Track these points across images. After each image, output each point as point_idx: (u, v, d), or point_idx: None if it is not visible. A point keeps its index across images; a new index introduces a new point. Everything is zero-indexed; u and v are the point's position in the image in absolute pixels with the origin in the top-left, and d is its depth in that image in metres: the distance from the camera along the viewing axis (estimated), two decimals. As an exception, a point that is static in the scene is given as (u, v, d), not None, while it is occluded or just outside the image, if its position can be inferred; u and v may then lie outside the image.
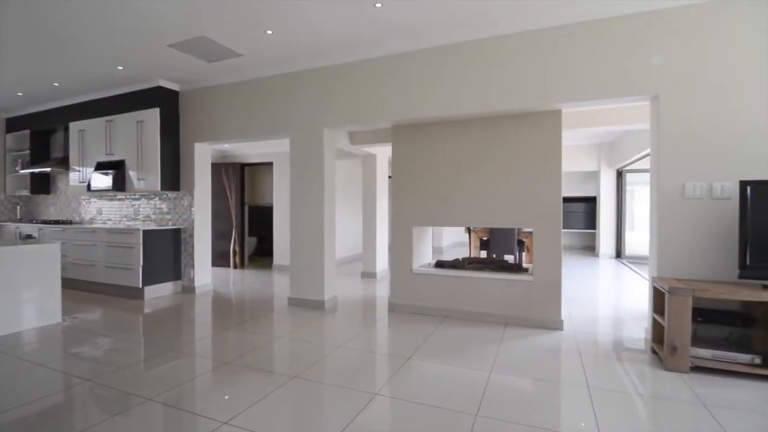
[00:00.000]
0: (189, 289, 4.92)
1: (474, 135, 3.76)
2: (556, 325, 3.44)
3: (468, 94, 3.50)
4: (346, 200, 7.55)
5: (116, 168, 4.94)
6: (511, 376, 2.52)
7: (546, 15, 3.15)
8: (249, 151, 6.92)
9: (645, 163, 6.37)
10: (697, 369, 2.54)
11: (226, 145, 6.61)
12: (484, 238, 6.12)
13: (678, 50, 2.91)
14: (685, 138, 2.91)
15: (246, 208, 7.32)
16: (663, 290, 2.66)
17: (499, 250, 5.75)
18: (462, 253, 7.81)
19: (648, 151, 3.23)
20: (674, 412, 2.09)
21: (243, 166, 7.16)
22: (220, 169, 6.87)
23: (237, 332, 3.42)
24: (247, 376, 2.52)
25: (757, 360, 2.44)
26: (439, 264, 4.20)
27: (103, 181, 5.01)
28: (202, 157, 4.98)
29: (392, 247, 4.13)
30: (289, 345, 3.14)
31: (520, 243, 5.87)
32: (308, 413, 2.15)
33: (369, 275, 5.99)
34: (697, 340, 2.64)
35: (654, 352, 2.86)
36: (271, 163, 6.94)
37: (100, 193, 5.33)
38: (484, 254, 6.19)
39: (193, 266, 4.90)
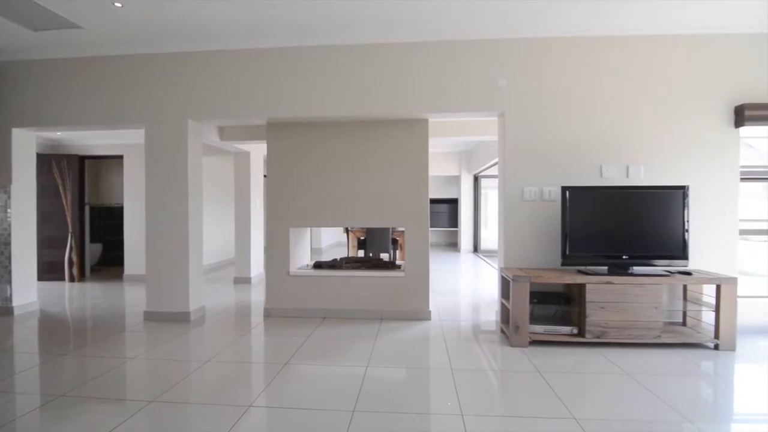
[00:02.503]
0: (4, 311, 3.92)
1: (351, 136, 3.84)
2: (426, 315, 3.75)
3: (346, 96, 3.57)
4: (215, 200, 6.97)
5: None
6: (386, 368, 2.65)
7: (416, 31, 3.39)
8: (91, 141, 5.87)
9: (495, 170, 7.38)
10: (534, 342, 3.04)
11: (59, 133, 5.48)
12: (362, 238, 6.32)
13: (518, 75, 3.45)
14: (523, 149, 3.46)
15: (87, 209, 6.17)
16: (508, 278, 3.12)
17: (375, 248, 6.00)
18: (341, 253, 7.92)
19: (497, 159, 3.78)
20: (517, 380, 2.46)
21: (83, 159, 6.01)
22: (50, 161, 5.63)
23: (75, 358, 2.86)
24: (88, 408, 2.13)
25: (575, 330, 3.04)
26: (318, 265, 4.19)
27: None
28: (22, 146, 4.01)
29: (268, 250, 3.96)
30: (144, 366, 2.75)
31: (394, 242, 6.22)
32: (170, 439, 1.91)
33: (243, 281, 5.63)
34: (534, 319, 3.16)
35: (502, 331, 3.33)
36: (120, 157, 5.98)
37: None
38: (361, 253, 6.38)
39: (9, 282, 3.93)
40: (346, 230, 6.69)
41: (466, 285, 5.75)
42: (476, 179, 9.63)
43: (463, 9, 3.00)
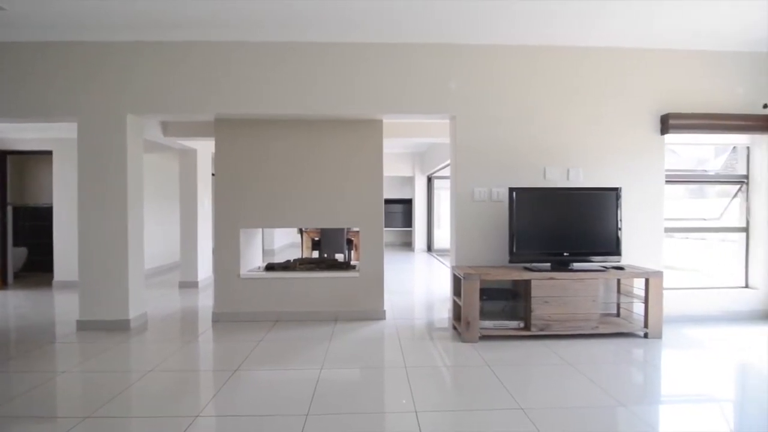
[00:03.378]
0: None
1: (305, 136, 3.78)
2: (380, 315, 3.77)
3: (298, 95, 3.50)
4: (158, 200, 6.58)
5: None
6: (340, 369, 2.64)
7: (371, 32, 3.36)
8: (16, 134, 5.32)
9: (447, 171, 7.57)
10: (484, 337, 3.16)
11: (-27, 126, 4.92)
12: (316, 239, 6.24)
13: (469, 80, 3.56)
14: (473, 152, 3.58)
15: (9, 209, 5.59)
16: (459, 277, 3.22)
17: (330, 249, 5.95)
18: (295, 255, 7.76)
19: (449, 161, 3.89)
20: (469, 375, 2.54)
21: (4, 155, 5.44)
22: (-37, 157, 5.05)
23: (-7, 374, 2.58)
24: (15, 428, 1.93)
25: (521, 324, 3.19)
26: (270, 267, 4.08)
27: None
28: (-73, 139, 3.56)
29: (217, 252, 3.79)
30: (78, 380, 2.53)
31: (349, 242, 6.20)
32: (107, 457, 1.78)
33: (189, 285, 5.36)
34: (484, 315, 3.28)
35: (455, 328, 3.42)
36: (49, 152, 5.48)
37: None
38: (316, 254, 6.30)
39: None
40: (300, 231, 6.57)
41: (420, 284, 5.85)
42: (429, 180, 9.83)
43: (417, 12, 3.04)
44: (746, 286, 3.93)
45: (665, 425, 1.98)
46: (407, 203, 10.96)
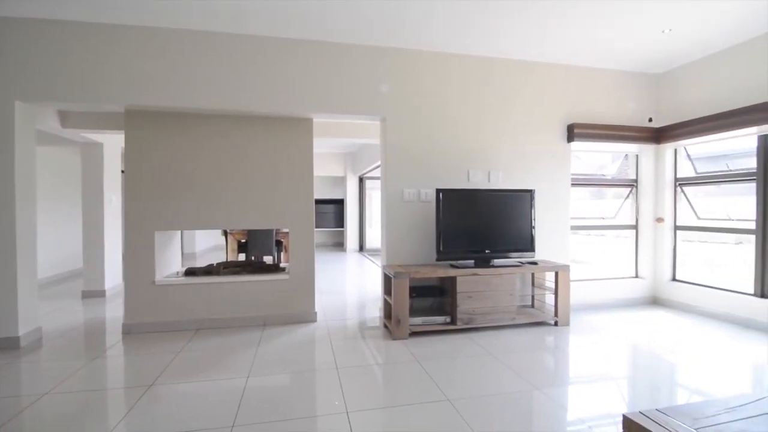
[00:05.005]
0: None
1: (231, 132, 3.58)
2: (311, 317, 3.70)
3: (225, 88, 3.32)
4: (57, 200, 5.82)
5: None
6: (269, 376, 2.55)
7: (303, 29, 3.27)
8: None
9: (378, 172, 7.68)
10: (414, 334, 3.25)
11: None
12: (243, 241, 5.95)
13: (400, 83, 3.65)
14: (403, 153, 3.67)
15: None
16: (390, 275, 3.28)
17: (258, 251, 5.71)
18: (219, 258, 7.33)
19: (380, 162, 3.95)
20: (399, 371, 2.60)
21: None
22: None
23: None
24: None
25: (448, 319, 3.34)
26: (191, 272, 3.81)
27: None
28: None
29: (127, 257, 3.45)
30: (-52, 410, 2.15)
31: (279, 243, 6.01)
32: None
33: (94, 294, 4.80)
34: (413, 312, 3.37)
35: (385, 326, 3.48)
36: None
37: None
38: (243, 257, 6.01)
39: None
40: (225, 233, 6.22)
41: (352, 284, 5.86)
42: (361, 180, 9.89)
43: (351, 11, 3.04)
44: (636, 276, 4.51)
45: (573, 404, 2.20)
46: (339, 203, 10.91)
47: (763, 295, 3.47)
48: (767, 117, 3.25)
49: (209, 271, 3.83)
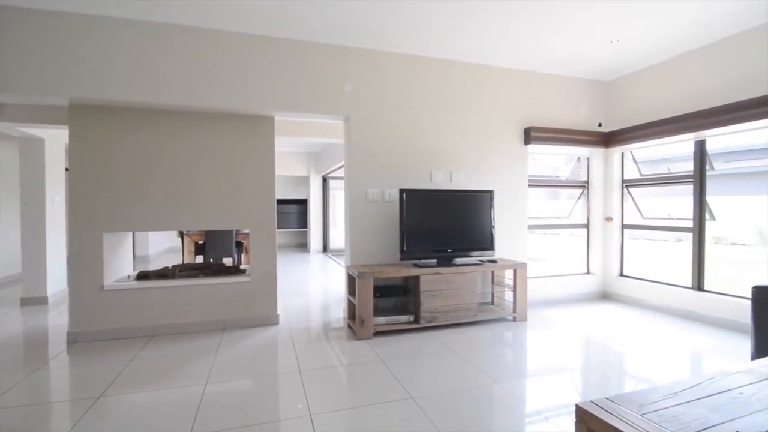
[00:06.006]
0: None
1: (188, 130, 3.44)
2: (273, 320, 3.62)
3: (179, 83, 3.17)
4: (-11, 200, 5.34)
5: None
6: (229, 382, 2.46)
7: (265, 25, 3.19)
8: None
9: (342, 172, 7.63)
10: (378, 333, 3.26)
11: None
12: (200, 242, 5.73)
13: (364, 84, 3.64)
14: (367, 154, 3.67)
15: None
16: (354, 275, 3.27)
17: (217, 253, 5.51)
18: (175, 260, 7.01)
19: (343, 162, 3.93)
20: (363, 372, 2.60)
21: None
22: None
23: None
24: None
25: (411, 318, 3.37)
26: (143, 275, 3.62)
27: None
28: None
29: (73, 260, 3.22)
30: None
31: (239, 244, 5.83)
32: None
33: (35, 301, 4.45)
34: (377, 311, 3.38)
35: (350, 327, 3.46)
36: None
37: None
38: (200, 259, 5.78)
39: None
40: (181, 234, 5.95)
41: (316, 285, 5.79)
42: (325, 180, 9.78)
43: (314, 12, 2.99)
44: (588, 272, 4.75)
45: (531, 396, 2.29)
46: (302, 203, 10.74)
47: (699, 289, 3.77)
48: (702, 124, 3.54)
49: (164, 274, 3.65)
